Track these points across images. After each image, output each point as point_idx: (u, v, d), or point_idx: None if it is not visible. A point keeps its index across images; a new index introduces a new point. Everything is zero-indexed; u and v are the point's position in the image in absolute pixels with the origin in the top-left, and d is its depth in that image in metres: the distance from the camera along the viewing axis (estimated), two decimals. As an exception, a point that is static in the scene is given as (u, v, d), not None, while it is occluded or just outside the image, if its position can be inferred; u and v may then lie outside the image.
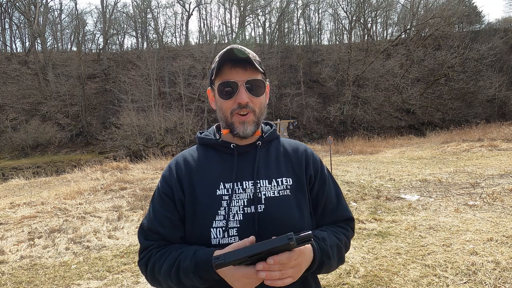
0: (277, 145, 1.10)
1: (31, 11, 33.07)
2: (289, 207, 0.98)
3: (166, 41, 36.87)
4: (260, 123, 1.04)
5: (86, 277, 3.51)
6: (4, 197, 8.68)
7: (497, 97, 26.37)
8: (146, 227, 1.02)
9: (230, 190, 0.97)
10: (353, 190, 6.72)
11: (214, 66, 1.02)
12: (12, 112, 27.51)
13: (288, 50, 33.33)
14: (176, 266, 0.91)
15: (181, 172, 1.03)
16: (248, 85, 0.98)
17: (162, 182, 1.05)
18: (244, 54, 0.96)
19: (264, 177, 1.01)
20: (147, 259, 0.98)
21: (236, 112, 0.99)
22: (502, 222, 4.28)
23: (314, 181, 1.06)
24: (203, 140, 1.09)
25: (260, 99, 1.02)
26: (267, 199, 0.98)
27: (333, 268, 0.99)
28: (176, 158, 1.09)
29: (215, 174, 1.01)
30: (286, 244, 0.75)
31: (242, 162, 1.02)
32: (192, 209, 0.97)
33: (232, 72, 0.98)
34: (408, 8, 33.03)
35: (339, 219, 1.09)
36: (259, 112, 1.02)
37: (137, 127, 20.78)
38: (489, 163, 8.90)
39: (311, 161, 1.09)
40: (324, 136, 22.47)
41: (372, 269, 3.24)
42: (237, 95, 0.97)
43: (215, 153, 1.05)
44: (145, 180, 8.72)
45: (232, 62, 0.98)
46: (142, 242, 1.02)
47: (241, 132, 0.99)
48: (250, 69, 0.99)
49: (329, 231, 1.03)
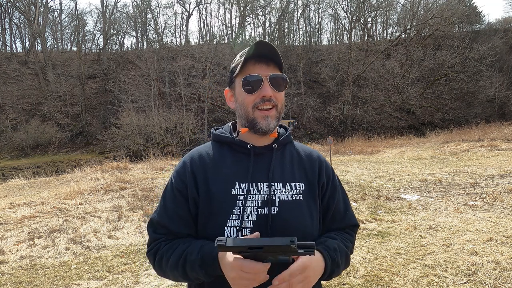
0: (291, 149, 1.11)
1: (31, 11, 33.07)
2: (301, 211, 1.00)
3: (166, 41, 36.87)
4: (280, 119, 1.06)
5: (86, 277, 3.51)
6: (4, 197, 8.68)
7: (497, 97, 26.37)
8: (155, 221, 1.03)
9: (246, 190, 0.98)
10: (353, 190, 6.72)
11: (236, 64, 1.04)
12: (12, 112, 27.50)
13: (288, 50, 33.30)
14: (183, 258, 0.93)
15: (196, 168, 1.02)
16: (272, 79, 0.99)
17: (176, 177, 1.04)
18: (270, 50, 0.99)
19: (278, 180, 1.02)
20: (155, 250, 1.00)
21: (258, 107, 0.99)
22: (502, 222, 4.28)
23: (326, 189, 1.09)
24: (219, 138, 1.09)
25: (281, 95, 1.03)
26: (281, 202, 0.99)
27: (339, 274, 1.03)
28: (191, 154, 1.08)
29: (230, 173, 1.01)
30: (287, 245, 0.76)
31: (258, 163, 1.03)
32: (207, 206, 0.98)
33: (256, 68, 1.00)
34: (408, 8, 33.03)
35: (346, 226, 1.12)
36: (280, 107, 1.04)
37: (137, 127, 20.78)
38: (489, 163, 8.89)
39: (324, 168, 1.10)
40: (324, 136, 22.46)
41: (372, 269, 3.24)
42: (261, 89, 0.98)
43: (230, 151, 1.06)
44: (145, 180, 8.71)
45: (255, 59, 1.00)
46: (151, 234, 1.03)
47: (264, 127, 1.00)
48: (273, 65, 1.01)
49: (339, 239, 1.06)
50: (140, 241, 4.55)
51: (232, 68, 1.06)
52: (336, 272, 0.99)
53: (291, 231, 0.95)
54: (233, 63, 1.07)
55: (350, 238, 1.10)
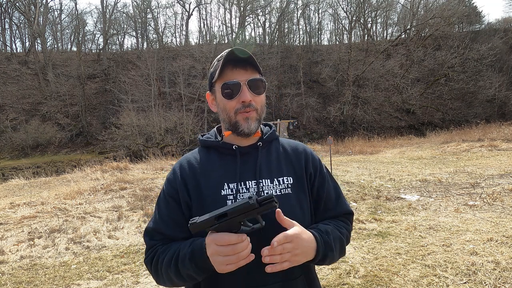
0: (277, 146, 1.13)
1: (31, 11, 33.06)
2: (290, 205, 1.01)
3: (166, 41, 36.88)
4: (261, 121, 1.08)
5: (86, 277, 3.51)
6: (4, 197, 8.68)
7: (497, 97, 26.38)
8: (151, 229, 1.05)
9: (235, 190, 1.00)
10: (353, 190, 6.72)
11: (214, 69, 1.06)
12: (12, 112, 27.50)
13: (288, 50, 33.32)
14: (175, 255, 0.94)
15: (185, 175, 1.05)
16: (250, 84, 1.01)
17: (167, 185, 1.07)
18: (246, 54, 1.00)
19: (266, 176, 1.04)
20: (152, 256, 1.01)
21: (240, 112, 1.01)
22: (502, 222, 4.28)
23: (314, 179, 1.10)
24: (205, 143, 1.12)
25: (261, 98, 1.05)
26: None
27: (335, 259, 1.03)
28: (180, 161, 1.11)
29: (219, 175, 1.03)
30: (246, 203, 0.80)
31: (245, 163, 1.05)
32: (199, 209, 0.99)
33: (234, 73, 1.01)
34: (408, 8, 33.03)
35: (339, 213, 1.12)
36: (260, 110, 1.06)
37: (137, 127, 20.78)
38: (489, 163, 8.89)
39: (310, 159, 1.12)
40: (324, 136, 22.46)
41: (372, 269, 3.24)
42: (240, 94, 1.00)
43: (217, 154, 1.08)
44: (145, 180, 8.71)
45: (233, 64, 1.01)
46: (148, 242, 1.05)
47: (245, 129, 1.02)
48: (250, 69, 1.03)
49: (332, 225, 1.06)
50: (140, 241, 4.55)
51: (211, 72, 1.09)
52: (330, 256, 0.97)
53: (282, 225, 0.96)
54: (212, 68, 1.09)
55: (345, 225, 1.10)
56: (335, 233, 1.02)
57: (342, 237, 1.05)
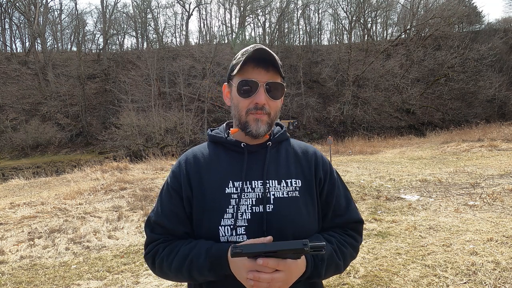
0: (287, 146, 1.11)
1: (31, 11, 33.06)
2: (297, 208, 0.99)
3: (166, 41, 36.87)
4: (272, 126, 1.05)
5: (86, 277, 3.51)
6: (4, 197, 8.68)
7: (497, 97, 26.39)
8: (153, 221, 1.04)
9: (239, 189, 0.98)
10: (353, 190, 6.72)
11: (236, 62, 1.02)
12: (12, 112, 27.49)
13: (288, 50, 33.30)
14: (188, 263, 0.93)
15: (190, 168, 1.03)
16: (268, 86, 0.98)
17: (172, 177, 1.05)
18: (270, 55, 0.97)
19: (273, 177, 1.01)
20: (154, 253, 1.00)
21: (251, 112, 0.99)
22: (502, 222, 4.28)
23: (324, 184, 1.07)
24: (214, 138, 1.09)
25: (276, 103, 1.02)
26: (276, 199, 0.98)
27: (324, 278, 1.00)
28: (186, 154, 1.09)
29: (224, 172, 1.01)
30: (301, 248, 0.78)
31: (252, 161, 1.02)
32: (200, 205, 0.98)
33: (254, 72, 0.98)
34: (408, 8, 33.03)
35: (348, 221, 1.08)
36: (273, 115, 1.02)
37: (137, 127, 20.79)
38: (489, 163, 8.89)
39: (321, 163, 1.09)
40: (324, 136, 22.45)
41: (372, 269, 3.24)
42: (255, 95, 0.97)
43: (225, 151, 1.06)
44: (145, 180, 8.71)
45: (256, 62, 0.98)
46: (148, 234, 1.04)
47: (254, 130, 0.99)
48: (272, 71, 0.99)
49: (336, 245, 1.00)
50: (140, 241, 4.55)
51: (232, 64, 1.05)
52: (316, 278, 0.95)
53: (287, 228, 0.95)
54: (234, 60, 1.05)
55: (351, 241, 1.05)
56: (331, 259, 0.96)
57: (339, 262, 0.98)
